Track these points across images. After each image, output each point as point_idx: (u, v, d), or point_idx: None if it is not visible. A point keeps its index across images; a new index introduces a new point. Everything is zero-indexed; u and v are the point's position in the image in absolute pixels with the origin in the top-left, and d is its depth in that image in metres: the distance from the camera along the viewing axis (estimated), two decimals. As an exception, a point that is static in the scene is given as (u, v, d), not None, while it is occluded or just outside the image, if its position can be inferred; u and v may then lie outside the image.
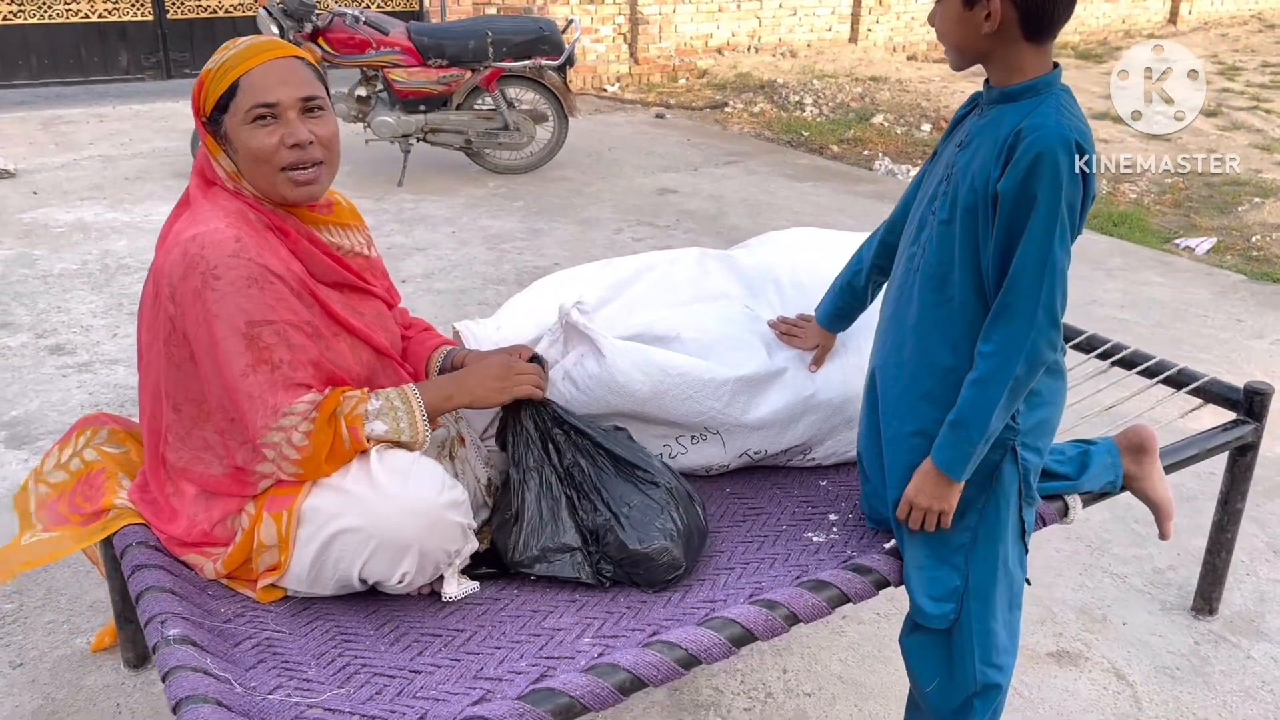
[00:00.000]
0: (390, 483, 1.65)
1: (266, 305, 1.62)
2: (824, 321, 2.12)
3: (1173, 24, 13.91)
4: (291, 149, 1.67)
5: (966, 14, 1.56)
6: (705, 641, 1.54)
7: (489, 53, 5.80)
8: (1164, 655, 2.35)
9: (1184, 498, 2.94)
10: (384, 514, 1.63)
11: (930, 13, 1.65)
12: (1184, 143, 7.75)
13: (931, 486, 1.67)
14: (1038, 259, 1.52)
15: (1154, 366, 2.52)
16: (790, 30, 10.68)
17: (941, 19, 1.61)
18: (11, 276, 4.45)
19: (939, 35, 1.64)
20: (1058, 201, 1.50)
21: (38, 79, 8.14)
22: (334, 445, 1.65)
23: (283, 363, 1.62)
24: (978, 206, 1.58)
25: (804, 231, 2.50)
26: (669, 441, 2.12)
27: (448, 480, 1.71)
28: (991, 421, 1.60)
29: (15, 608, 2.35)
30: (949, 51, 1.64)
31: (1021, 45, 1.57)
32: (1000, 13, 1.53)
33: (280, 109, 1.66)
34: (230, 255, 1.61)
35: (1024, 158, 1.51)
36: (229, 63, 1.67)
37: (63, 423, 3.18)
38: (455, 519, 1.69)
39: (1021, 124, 1.53)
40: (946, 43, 1.63)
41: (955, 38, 1.60)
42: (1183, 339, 4.16)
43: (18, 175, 5.99)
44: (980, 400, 1.59)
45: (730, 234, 5.28)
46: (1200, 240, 5.56)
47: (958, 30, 1.59)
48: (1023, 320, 1.55)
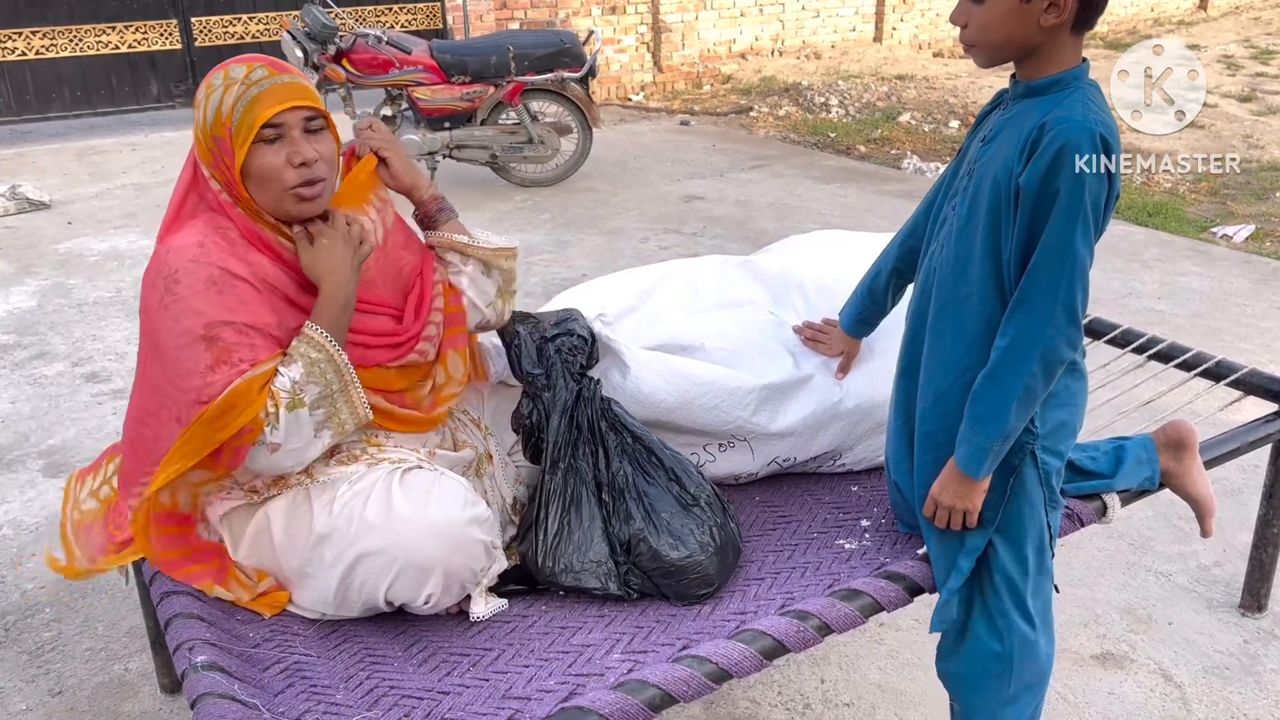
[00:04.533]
0: (412, 503, 1.64)
1: (227, 307, 1.61)
2: (848, 327, 2.09)
3: (1203, 10, 13.71)
4: (298, 168, 1.66)
5: (1023, 7, 1.50)
6: (736, 655, 1.52)
7: (511, 67, 5.82)
8: (1212, 655, 2.29)
9: (1228, 491, 2.87)
10: (406, 536, 1.62)
11: (957, 10, 1.58)
12: (1218, 129, 7.62)
13: (955, 485, 1.63)
14: (1058, 254, 1.48)
15: (1192, 359, 2.46)
16: (814, 32, 10.64)
17: (989, 13, 1.53)
18: (48, 306, 4.51)
19: (978, 30, 1.55)
20: (1081, 196, 1.46)
21: (71, 111, 8.28)
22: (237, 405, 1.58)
23: (243, 361, 1.60)
24: (1000, 202, 1.55)
25: (827, 234, 2.48)
26: (697, 450, 2.10)
27: (470, 497, 1.70)
28: (1009, 419, 1.55)
29: (54, 635, 2.37)
30: (982, 49, 1.57)
31: (1066, 37, 1.53)
32: (1069, 5, 1.48)
33: (285, 128, 1.66)
34: (190, 260, 1.61)
35: (1048, 150, 1.47)
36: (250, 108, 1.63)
37: (99, 450, 3.21)
38: (479, 536, 1.68)
39: (1047, 117, 1.50)
40: (987, 39, 1.55)
41: (1004, 32, 1.53)
42: (1222, 329, 4.08)
43: (53, 206, 6.09)
44: (994, 395, 1.55)
45: (758, 238, 5.25)
46: (1238, 228, 5.46)
47: (1010, 24, 1.52)
48: (1040, 316, 1.51)
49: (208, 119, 1.66)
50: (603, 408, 1.91)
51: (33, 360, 3.94)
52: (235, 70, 1.66)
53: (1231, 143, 7.34)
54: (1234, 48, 11.24)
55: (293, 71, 1.69)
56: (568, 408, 1.89)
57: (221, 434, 1.58)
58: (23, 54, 7.95)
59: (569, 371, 1.94)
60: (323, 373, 1.63)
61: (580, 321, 2.04)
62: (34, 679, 2.24)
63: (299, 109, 1.66)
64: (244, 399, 1.58)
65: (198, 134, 1.69)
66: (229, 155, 1.64)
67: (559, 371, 1.93)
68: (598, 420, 1.89)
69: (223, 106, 1.64)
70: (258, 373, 1.59)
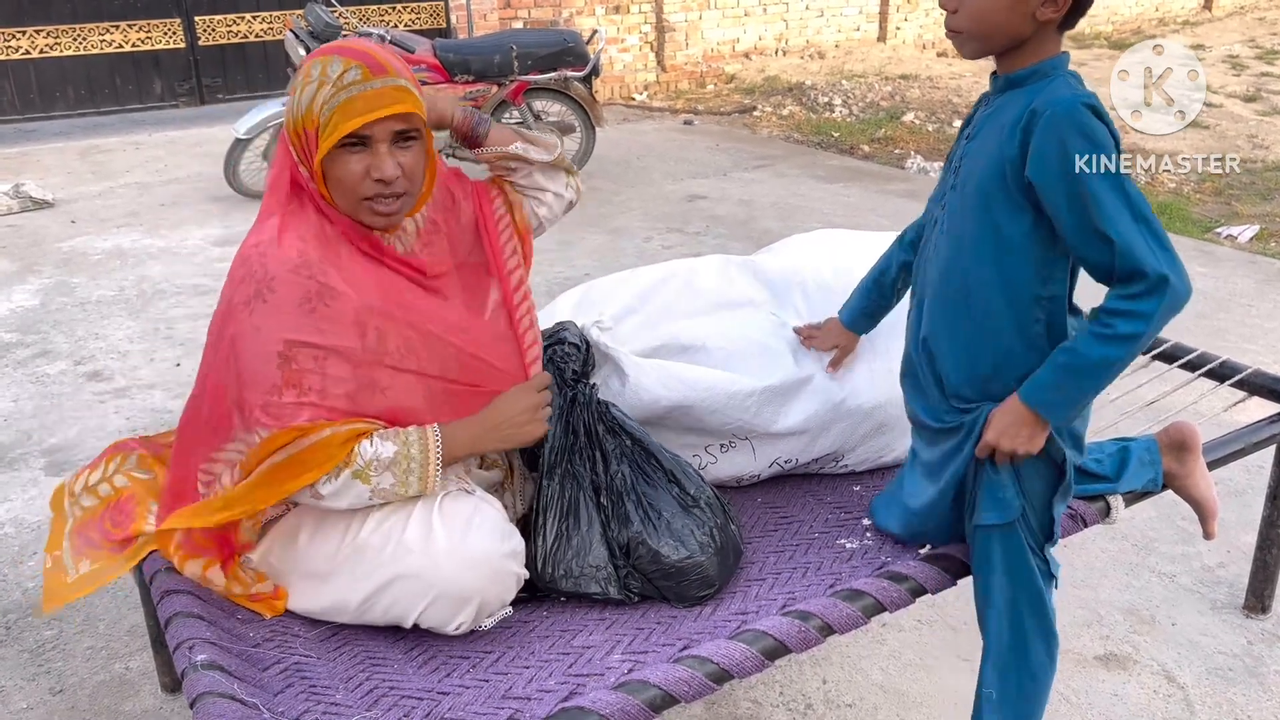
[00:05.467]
0: (450, 533, 1.61)
1: (314, 327, 1.57)
2: (849, 320, 2.08)
3: (1207, 10, 13.68)
4: (376, 182, 1.62)
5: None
6: (737, 655, 1.51)
7: (514, 67, 5.81)
8: (1216, 656, 2.28)
9: (1232, 492, 2.87)
10: (446, 567, 1.60)
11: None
12: (1223, 129, 7.61)
13: (1027, 429, 1.58)
14: (1128, 214, 1.47)
15: (1196, 359, 2.45)
16: (818, 32, 10.63)
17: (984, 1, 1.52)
18: (51, 305, 4.52)
19: (970, 17, 1.54)
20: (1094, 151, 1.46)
21: (75, 109, 8.29)
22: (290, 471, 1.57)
23: (311, 390, 1.57)
24: (990, 191, 1.56)
25: (829, 233, 2.47)
26: (699, 451, 2.10)
27: (506, 528, 1.69)
28: (1103, 382, 1.55)
29: (55, 634, 2.37)
30: (970, 36, 1.56)
31: (1052, 32, 1.55)
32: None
33: (372, 140, 1.61)
34: (291, 270, 1.57)
35: (1051, 136, 1.47)
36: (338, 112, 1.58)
37: (100, 449, 3.20)
38: (514, 569, 1.68)
39: (1034, 103, 1.50)
40: (978, 27, 1.55)
41: (997, 21, 1.52)
42: (1227, 329, 4.07)
43: (56, 205, 6.09)
44: (1113, 356, 1.52)
45: (761, 238, 5.25)
46: (1243, 228, 5.45)
47: (1004, 14, 1.51)
48: (1156, 275, 1.47)
49: (299, 110, 1.61)
50: (600, 411, 1.90)
51: (35, 359, 3.94)
52: (333, 65, 1.58)
53: (1236, 143, 7.32)
54: (1239, 48, 11.22)
55: (390, 73, 1.60)
56: (563, 413, 1.88)
57: (291, 484, 1.57)
58: (27, 52, 7.96)
59: (562, 378, 1.93)
60: (407, 472, 1.61)
61: (573, 331, 2.04)
62: (35, 677, 2.24)
63: (390, 124, 1.60)
64: (323, 453, 1.56)
65: (289, 125, 1.65)
66: (313, 151, 1.62)
67: (552, 377, 1.93)
68: (595, 424, 1.88)
69: (315, 102, 1.59)
70: (343, 431, 1.57)
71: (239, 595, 1.72)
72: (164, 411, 3.47)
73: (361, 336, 1.62)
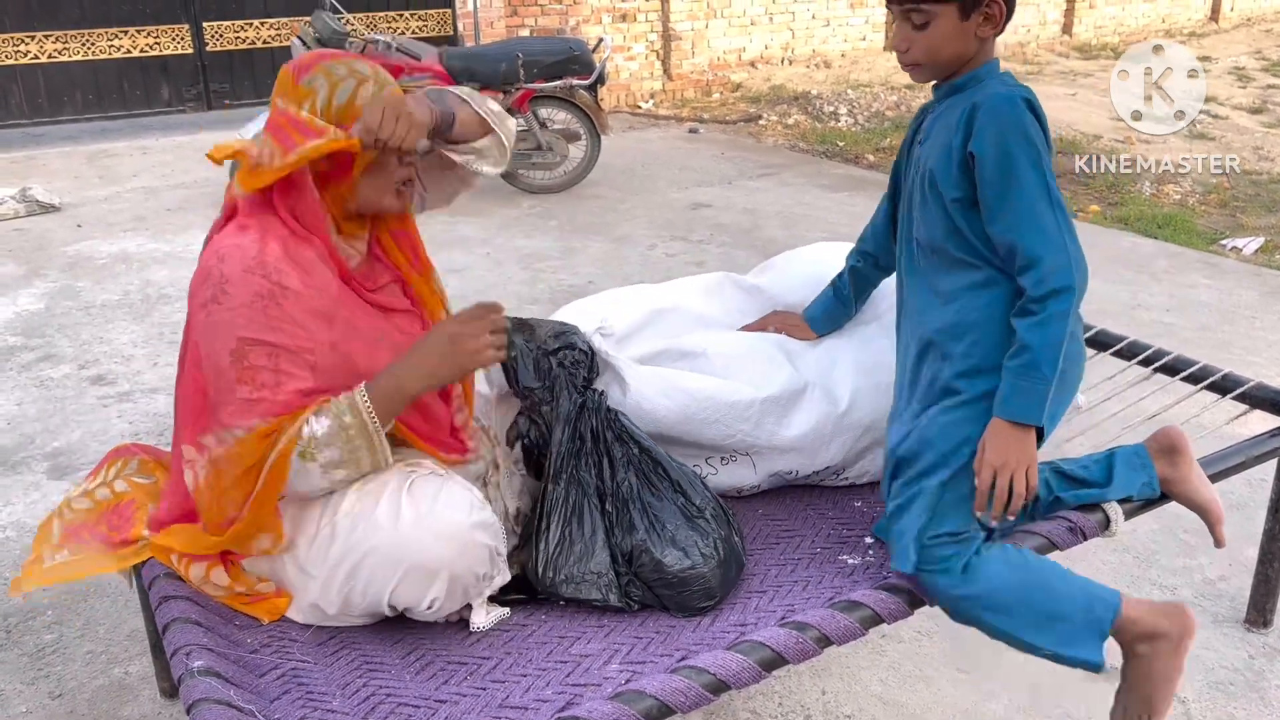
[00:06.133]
0: (418, 506, 1.63)
1: (268, 325, 1.60)
2: (812, 318, 2.22)
3: (1214, 21, 13.68)
4: (406, 166, 1.75)
5: (963, 25, 1.66)
6: (734, 666, 1.51)
7: (520, 75, 5.82)
8: (1217, 670, 2.27)
9: (1234, 505, 2.86)
10: (412, 536, 1.61)
11: (899, 38, 1.71)
12: (1229, 141, 7.60)
13: (1014, 443, 1.62)
14: (1043, 200, 1.61)
15: (1198, 372, 2.45)
16: (824, 41, 10.64)
17: (935, 36, 1.67)
18: (56, 309, 4.53)
19: (924, 53, 1.69)
20: (1034, 149, 1.61)
21: (82, 114, 8.32)
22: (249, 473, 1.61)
23: (264, 386, 1.60)
24: (946, 184, 1.68)
25: (826, 247, 2.47)
26: (699, 463, 2.09)
27: (476, 502, 1.70)
28: (1057, 356, 1.61)
29: (55, 638, 2.37)
30: (928, 67, 1.72)
31: (990, 40, 1.70)
32: (1000, 15, 1.65)
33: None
34: (244, 270, 1.60)
35: (989, 123, 1.61)
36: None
37: (103, 453, 3.21)
38: (484, 540, 1.68)
39: (975, 99, 1.65)
40: (934, 59, 1.70)
41: (949, 50, 1.69)
42: (1231, 341, 4.06)
43: (63, 209, 6.11)
44: (1048, 339, 1.60)
45: (765, 246, 5.25)
46: (1248, 240, 5.44)
47: (954, 42, 1.68)
48: (1057, 253, 1.60)
49: (335, 104, 1.65)
50: (608, 419, 1.90)
51: (39, 362, 3.95)
52: (359, 66, 1.70)
53: (1242, 154, 7.32)
54: (1245, 59, 11.22)
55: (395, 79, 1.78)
56: (571, 419, 1.88)
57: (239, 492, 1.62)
58: (35, 57, 7.99)
59: (572, 384, 1.93)
60: (349, 439, 1.62)
61: (580, 336, 2.04)
62: (34, 681, 2.24)
63: None
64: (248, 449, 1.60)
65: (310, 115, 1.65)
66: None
67: (562, 384, 1.93)
68: (603, 431, 1.89)
69: (358, 96, 1.65)
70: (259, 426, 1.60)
71: (241, 596, 1.73)
72: (167, 416, 3.47)
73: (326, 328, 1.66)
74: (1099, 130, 7.99)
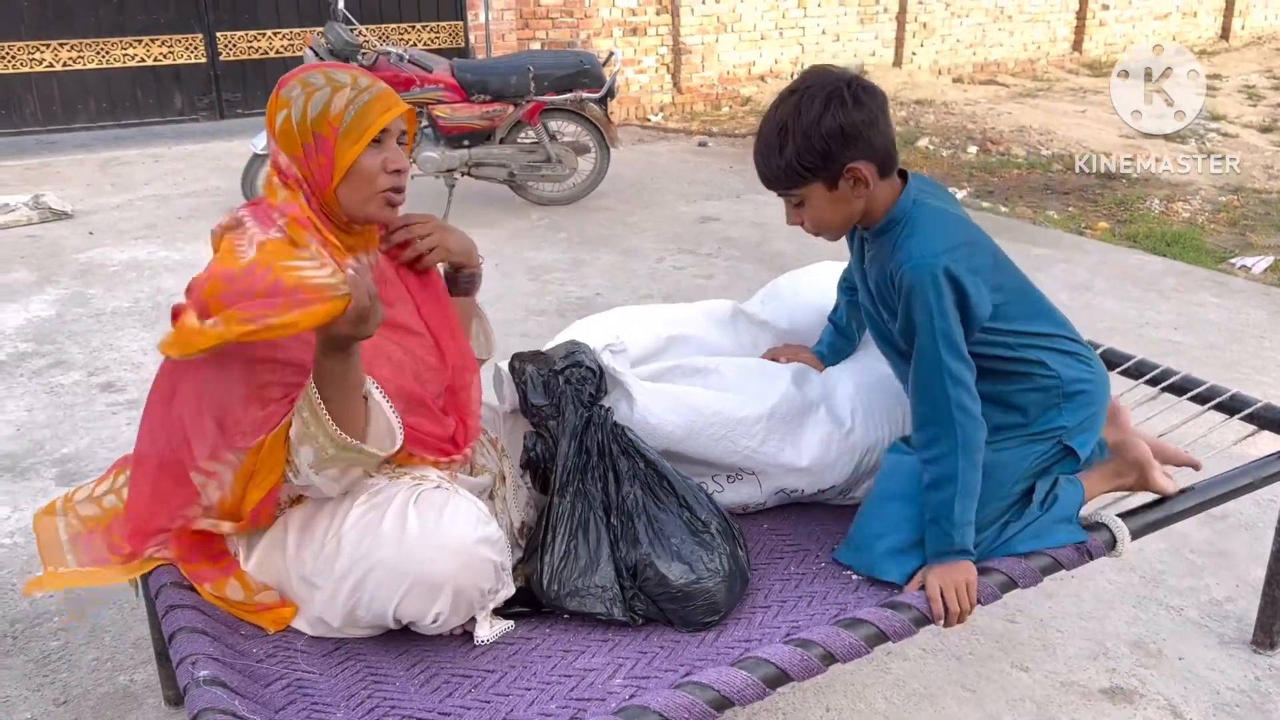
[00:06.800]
0: (425, 519, 1.64)
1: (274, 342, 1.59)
2: (819, 353, 2.30)
3: (1224, 40, 13.68)
4: (392, 174, 1.72)
5: (833, 194, 1.79)
6: (738, 683, 1.51)
7: (531, 87, 5.85)
8: (1223, 692, 2.27)
9: (1242, 526, 2.85)
10: (417, 550, 1.62)
11: (789, 216, 1.86)
12: (1239, 159, 7.59)
13: (947, 572, 1.78)
14: (934, 369, 1.76)
15: (1206, 392, 2.44)
16: (834, 56, 10.65)
17: (814, 210, 1.81)
18: (67, 315, 4.55)
19: (815, 224, 1.83)
20: (932, 323, 1.74)
21: (96, 122, 8.36)
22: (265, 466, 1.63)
23: (272, 401, 1.62)
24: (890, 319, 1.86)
25: (828, 267, 2.48)
26: (705, 480, 2.10)
27: (482, 516, 1.70)
28: (963, 509, 1.78)
29: (61, 645, 2.38)
30: (827, 231, 1.86)
31: (878, 186, 1.80)
32: (868, 173, 1.76)
33: (388, 136, 1.71)
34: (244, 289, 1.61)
35: (902, 290, 1.76)
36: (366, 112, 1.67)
37: (111, 460, 3.23)
38: (489, 556, 1.68)
39: (895, 258, 1.78)
40: (826, 226, 1.84)
41: (835, 216, 1.82)
42: (1240, 361, 4.05)
43: (75, 216, 6.15)
44: (944, 498, 1.79)
45: (773, 261, 5.26)
46: (1257, 259, 5.43)
47: (833, 211, 1.81)
48: (942, 423, 1.78)
49: (309, 115, 1.66)
50: (615, 433, 1.91)
51: (50, 369, 3.97)
52: (339, 75, 1.68)
53: (1252, 173, 7.31)
54: (1255, 78, 11.22)
55: (379, 81, 1.74)
56: (577, 432, 1.89)
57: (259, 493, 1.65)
58: (50, 65, 8.04)
59: (579, 399, 1.94)
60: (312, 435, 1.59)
61: (588, 354, 2.05)
62: (40, 688, 2.25)
63: (400, 123, 1.73)
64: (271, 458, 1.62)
65: (287, 129, 1.67)
66: (328, 154, 1.66)
67: (568, 399, 1.94)
68: (609, 444, 1.89)
69: (332, 106, 1.65)
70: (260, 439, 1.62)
71: (246, 605, 1.73)
72: (175, 424, 3.48)
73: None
74: (1108, 147, 8.00)
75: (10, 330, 4.38)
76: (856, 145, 1.74)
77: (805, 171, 1.76)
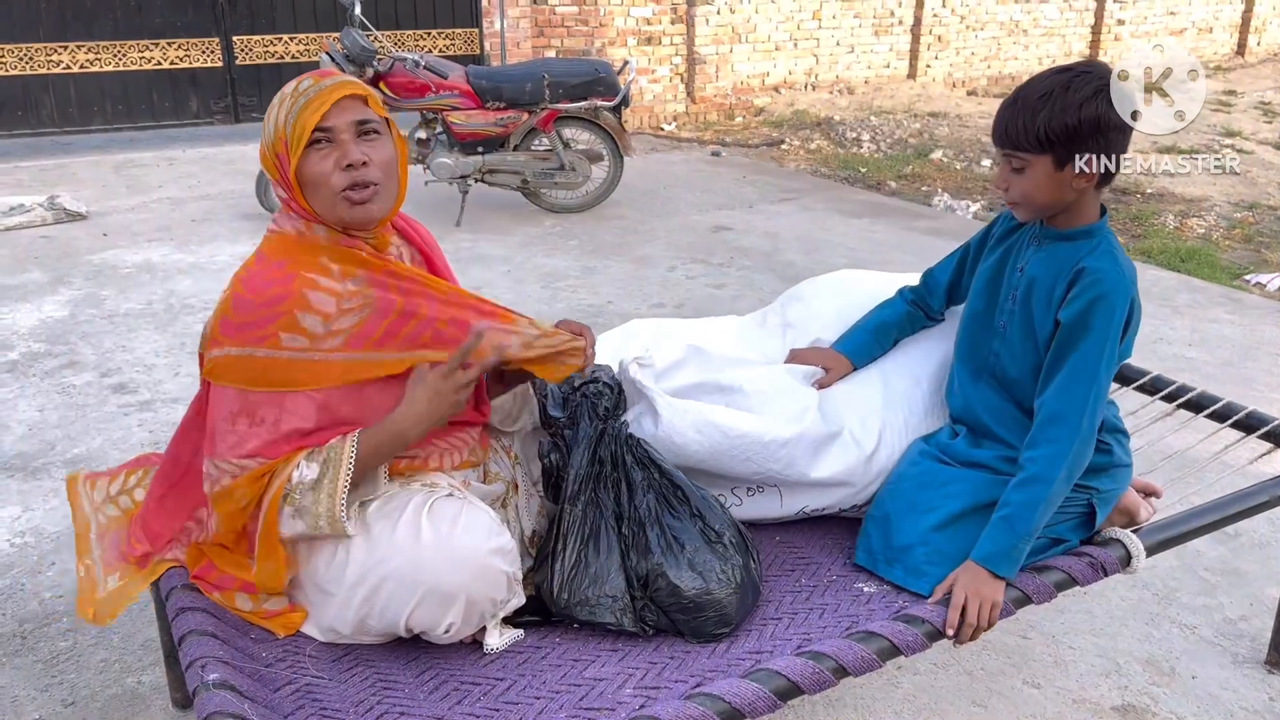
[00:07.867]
0: (437, 531, 1.63)
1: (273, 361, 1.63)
2: (847, 350, 2.23)
3: (1240, 55, 13.65)
4: (345, 170, 1.65)
5: (1058, 175, 1.77)
6: (749, 695, 1.50)
7: (545, 95, 5.86)
8: (1237, 711, 2.24)
9: (1256, 544, 2.83)
10: (430, 561, 1.61)
11: (1000, 176, 1.84)
12: (1254, 176, 7.57)
13: (983, 585, 1.76)
14: (1088, 378, 1.77)
15: (1222, 410, 2.42)
16: (848, 67, 10.67)
17: (1030, 181, 1.79)
18: (80, 316, 4.57)
19: (1021, 194, 1.81)
20: (1108, 335, 1.77)
21: (112, 124, 8.42)
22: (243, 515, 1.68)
23: (265, 420, 1.64)
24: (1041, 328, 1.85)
25: (850, 275, 2.46)
26: (724, 492, 2.08)
27: (495, 527, 1.69)
28: (1035, 520, 1.77)
29: (69, 645, 2.38)
30: (1026, 208, 1.84)
31: (1091, 193, 1.82)
32: (1095, 170, 1.76)
33: (334, 133, 1.65)
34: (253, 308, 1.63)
35: (1086, 293, 1.77)
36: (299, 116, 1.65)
37: (123, 461, 3.23)
38: (501, 567, 1.67)
39: (1083, 262, 1.79)
40: (1031, 201, 1.82)
41: (1044, 196, 1.80)
42: (1254, 378, 4.03)
43: (89, 217, 6.17)
44: (1029, 499, 1.78)
45: (785, 271, 5.25)
46: (1272, 276, 5.41)
47: (1047, 189, 1.79)
48: (1071, 428, 1.77)
49: (269, 135, 1.68)
50: (629, 444, 1.90)
51: (62, 369, 3.98)
52: (287, 87, 1.69)
53: (1267, 190, 7.28)
54: (1271, 94, 11.17)
55: (338, 75, 1.70)
56: (591, 442, 1.89)
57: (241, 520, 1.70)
58: (67, 67, 8.09)
59: (594, 412, 1.94)
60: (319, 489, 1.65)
61: (608, 372, 2.07)
62: (48, 688, 2.25)
63: (349, 115, 1.65)
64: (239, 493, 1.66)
65: (263, 156, 1.71)
66: (286, 166, 1.66)
67: (583, 411, 1.94)
68: (623, 455, 1.89)
69: (278, 120, 1.66)
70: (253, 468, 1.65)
71: (254, 612, 1.73)
72: (186, 426, 3.49)
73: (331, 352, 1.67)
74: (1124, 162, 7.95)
75: (23, 330, 4.40)
76: (1101, 140, 1.75)
77: (1048, 141, 1.75)
